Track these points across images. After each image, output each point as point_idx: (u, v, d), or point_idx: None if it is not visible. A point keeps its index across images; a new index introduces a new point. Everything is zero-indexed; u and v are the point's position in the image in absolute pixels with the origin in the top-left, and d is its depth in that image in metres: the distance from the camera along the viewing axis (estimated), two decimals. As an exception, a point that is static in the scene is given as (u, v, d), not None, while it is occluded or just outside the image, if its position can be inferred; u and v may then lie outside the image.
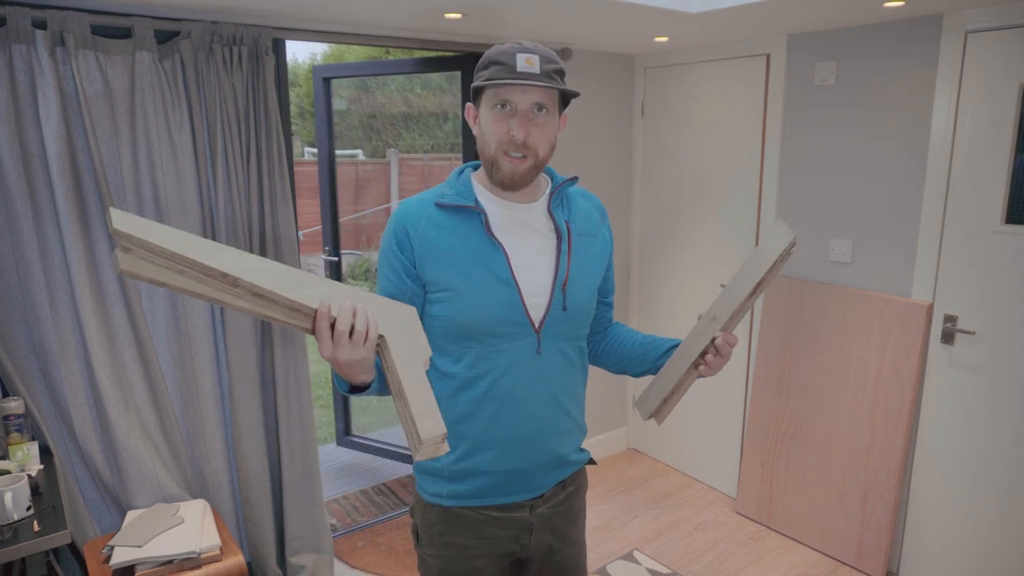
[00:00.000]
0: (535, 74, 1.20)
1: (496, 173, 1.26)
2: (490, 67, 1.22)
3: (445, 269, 1.25)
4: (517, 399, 1.28)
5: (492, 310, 1.24)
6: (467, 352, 1.27)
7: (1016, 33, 2.18)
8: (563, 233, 1.32)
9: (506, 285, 1.25)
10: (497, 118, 1.23)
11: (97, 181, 2.05)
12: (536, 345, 1.28)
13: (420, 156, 8.61)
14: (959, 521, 2.47)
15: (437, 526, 1.36)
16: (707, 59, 3.11)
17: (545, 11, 2.25)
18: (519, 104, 1.21)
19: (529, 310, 1.27)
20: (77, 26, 1.96)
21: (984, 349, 2.36)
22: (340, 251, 3.36)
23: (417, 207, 1.29)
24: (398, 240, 1.28)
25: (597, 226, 1.41)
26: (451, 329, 1.26)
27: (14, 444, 1.95)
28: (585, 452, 1.45)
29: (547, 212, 1.34)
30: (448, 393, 1.30)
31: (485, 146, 1.26)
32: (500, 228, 1.29)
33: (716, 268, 3.23)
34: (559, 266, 1.30)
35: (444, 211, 1.28)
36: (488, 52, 1.25)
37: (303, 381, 2.52)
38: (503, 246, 1.27)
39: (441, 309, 1.26)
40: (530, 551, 1.40)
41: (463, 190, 1.29)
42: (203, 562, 1.95)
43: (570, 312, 1.31)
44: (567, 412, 1.36)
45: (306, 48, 12.42)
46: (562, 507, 1.42)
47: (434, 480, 1.35)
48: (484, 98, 1.25)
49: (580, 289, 1.32)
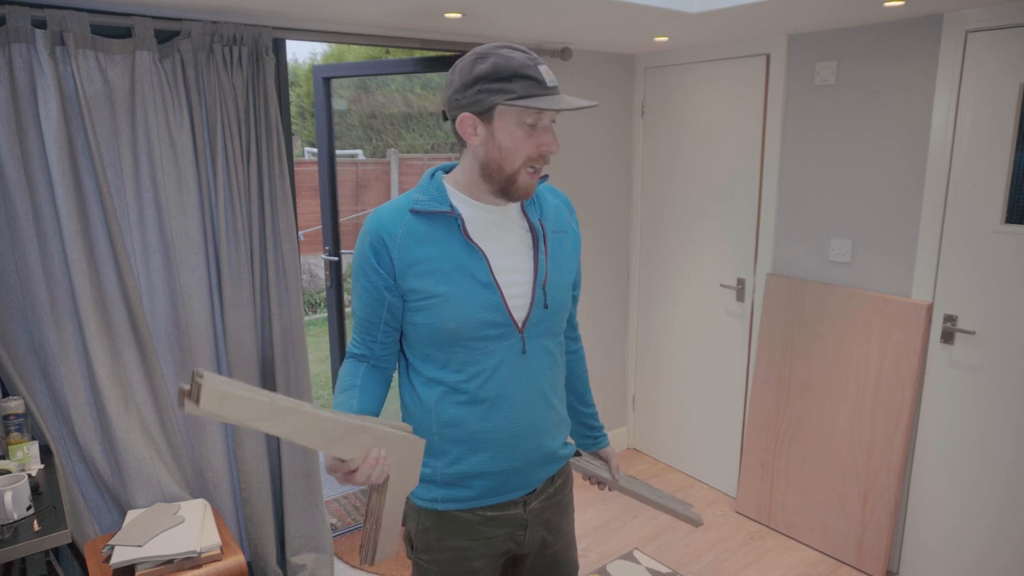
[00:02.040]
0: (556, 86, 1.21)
1: (512, 189, 1.24)
2: (514, 81, 1.17)
3: (426, 277, 1.24)
4: (506, 399, 1.29)
5: (476, 314, 1.24)
6: (453, 357, 1.27)
7: (1016, 33, 2.18)
8: (539, 232, 1.32)
9: (488, 288, 1.25)
10: (527, 134, 1.21)
11: (97, 181, 2.05)
12: (521, 345, 1.29)
13: (420, 156, 8.61)
14: (959, 521, 2.47)
15: (433, 531, 1.35)
16: (707, 59, 3.11)
17: (545, 11, 2.25)
18: (548, 120, 1.22)
19: (512, 311, 1.27)
20: (77, 26, 1.96)
21: (984, 349, 2.36)
22: (340, 251, 3.36)
23: (392, 215, 1.26)
24: (375, 251, 1.25)
25: (567, 221, 1.42)
26: (436, 336, 1.26)
27: (14, 444, 1.95)
28: (570, 445, 1.47)
29: (521, 211, 1.34)
30: (435, 398, 1.29)
31: (506, 162, 1.22)
32: (478, 232, 1.27)
33: (716, 268, 3.23)
34: (538, 265, 1.30)
35: (419, 218, 1.26)
36: (500, 64, 1.18)
37: (303, 381, 2.52)
38: (482, 249, 1.26)
39: (424, 317, 1.26)
40: (525, 547, 1.41)
41: (437, 195, 1.27)
42: (203, 562, 1.95)
43: (551, 309, 1.32)
44: (553, 407, 1.37)
45: (306, 48, 12.42)
46: (553, 500, 1.43)
47: (426, 487, 1.34)
48: (506, 113, 1.20)
49: (558, 286, 1.33)
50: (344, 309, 3.38)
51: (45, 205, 2.02)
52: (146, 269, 2.23)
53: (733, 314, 3.18)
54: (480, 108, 1.20)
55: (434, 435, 1.31)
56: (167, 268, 2.25)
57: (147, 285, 2.24)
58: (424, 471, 1.34)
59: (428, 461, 1.33)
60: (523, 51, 1.21)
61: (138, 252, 2.21)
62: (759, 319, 3.04)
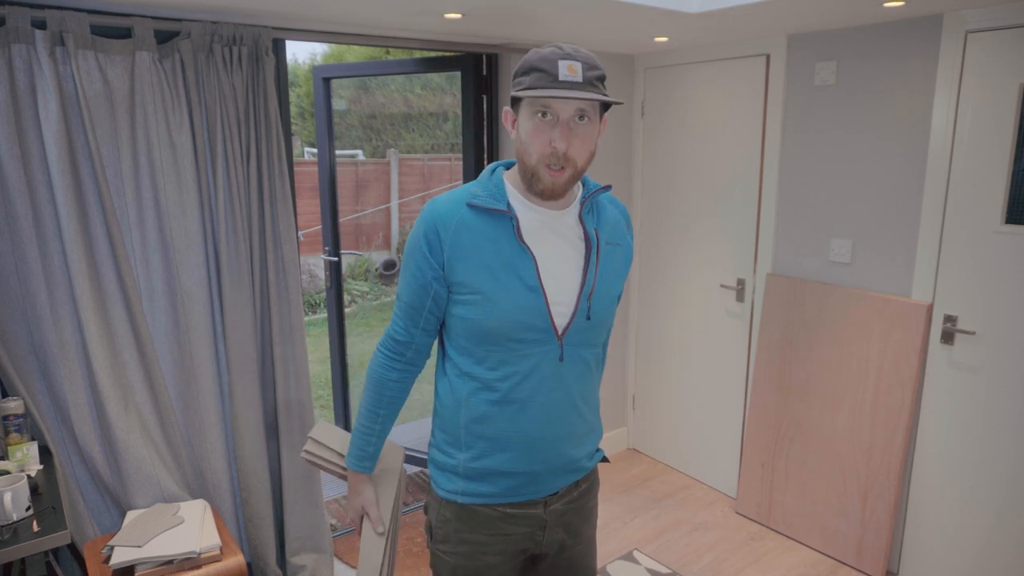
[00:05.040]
0: (578, 83, 1.16)
1: (536, 184, 1.24)
2: (530, 73, 1.18)
3: (474, 272, 1.24)
4: (537, 403, 1.29)
5: (518, 316, 1.24)
6: (489, 355, 1.27)
7: (1016, 33, 2.18)
8: (592, 242, 1.31)
9: (533, 292, 1.25)
10: (538, 128, 1.20)
11: (97, 181, 2.05)
12: (559, 352, 1.28)
13: (420, 156, 8.60)
14: (959, 521, 2.47)
15: (452, 523, 1.36)
16: (707, 59, 3.11)
17: (545, 11, 2.25)
18: (561, 113, 1.18)
19: (554, 318, 1.27)
20: (77, 26, 1.96)
21: (984, 349, 2.36)
22: (340, 251, 3.36)
23: (448, 207, 1.27)
24: (428, 240, 1.26)
25: (623, 235, 1.40)
26: (474, 331, 1.26)
27: (14, 444, 1.94)
28: (599, 454, 1.47)
29: (578, 219, 1.32)
30: (467, 392, 1.30)
31: (526, 156, 1.23)
32: (531, 234, 1.27)
33: (716, 268, 3.23)
34: (586, 275, 1.29)
35: (475, 212, 1.26)
36: (528, 57, 1.21)
37: (303, 381, 2.52)
38: (533, 253, 1.26)
39: (466, 311, 1.26)
40: (543, 547, 1.41)
41: (496, 192, 1.27)
42: (203, 562, 1.95)
43: (593, 321, 1.31)
44: (583, 416, 1.36)
45: (306, 48, 12.41)
46: (575, 504, 1.43)
47: (449, 478, 1.36)
48: (524, 105, 1.22)
49: (603, 298, 1.32)
50: (344, 309, 3.38)
51: (45, 205, 2.02)
52: (146, 269, 2.23)
53: (733, 314, 3.18)
54: (511, 102, 1.26)
55: (461, 428, 1.32)
56: (167, 268, 2.24)
57: (147, 285, 2.24)
58: (449, 462, 1.35)
59: (453, 452, 1.34)
60: (559, 47, 1.20)
61: (138, 252, 2.21)
62: (759, 319, 3.04)
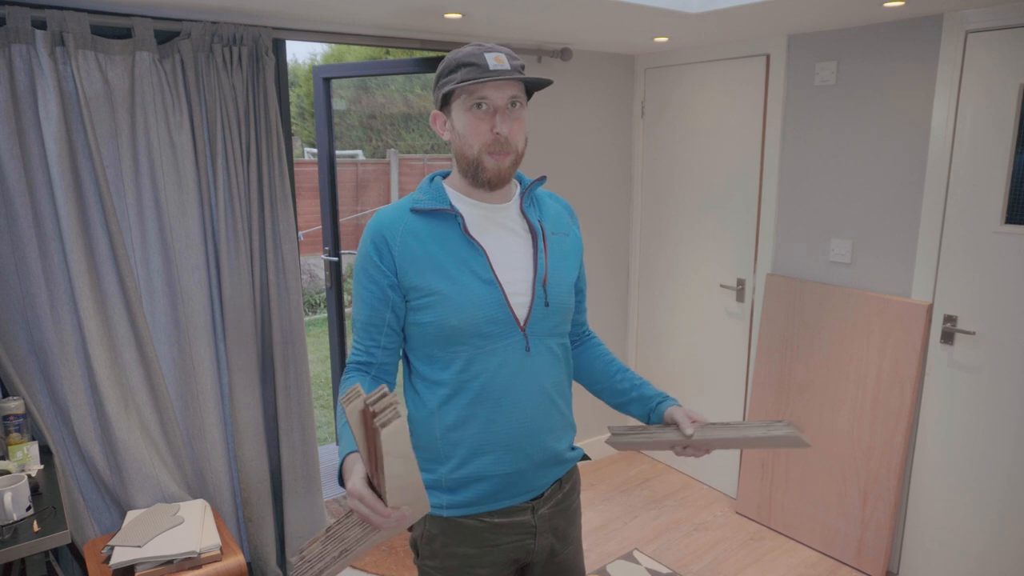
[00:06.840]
0: (507, 70, 1.22)
1: (482, 174, 1.27)
2: (459, 70, 1.23)
3: (427, 274, 1.25)
4: (511, 399, 1.28)
5: (478, 310, 1.25)
6: (456, 356, 1.27)
7: (1016, 33, 2.18)
8: (538, 231, 1.34)
9: (489, 285, 1.26)
10: (476, 119, 1.24)
11: (97, 181, 2.05)
12: (524, 343, 1.29)
13: (420, 156, 8.61)
14: (959, 521, 2.47)
15: (438, 538, 1.34)
16: (707, 59, 3.11)
17: (544, 11, 2.25)
18: (497, 101, 1.23)
19: (513, 308, 1.28)
20: (77, 26, 1.96)
21: (984, 349, 2.36)
22: (340, 251, 3.36)
23: (392, 215, 1.29)
24: (377, 248, 1.27)
25: (568, 225, 1.43)
26: (439, 334, 1.26)
27: (14, 444, 1.95)
28: (578, 449, 1.46)
29: (520, 212, 1.35)
30: (438, 401, 1.29)
31: (466, 148, 1.26)
32: (477, 229, 1.30)
33: (716, 268, 3.23)
34: (537, 263, 1.31)
35: (420, 217, 1.29)
36: (451, 57, 1.25)
37: (303, 381, 2.52)
38: (482, 246, 1.28)
39: (426, 315, 1.26)
40: (534, 555, 1.39)
41: (436, 195, 1.30)
42: (203, 562, 1.95)
43: (552, 308, 1.32)
44: (559, 408, 1.36)
45: (306, 48, 12.41)
46: (561, 506, 1.42)
47: (432, 493, 1.33)
48: (458, 102, 1.25)
49: (559, 285, 1.34)
50: (344, 309, 3.38)
51: (45, 205, 2.02)
52: (146, 269, 2.23)
53: (733, 314, 3.18)
54: (439, 103, 1.29)
55: (437, 439, 1.30)
56: (167, 268, 2.25)
57: (147, 285, 2.24)
58: (428, 477, 1.33)
59: (434, 467, 1.32)
60: (480, 44, 1.25)
61: (138, 252, 2.21)
62: (759, 319, 3.04)
